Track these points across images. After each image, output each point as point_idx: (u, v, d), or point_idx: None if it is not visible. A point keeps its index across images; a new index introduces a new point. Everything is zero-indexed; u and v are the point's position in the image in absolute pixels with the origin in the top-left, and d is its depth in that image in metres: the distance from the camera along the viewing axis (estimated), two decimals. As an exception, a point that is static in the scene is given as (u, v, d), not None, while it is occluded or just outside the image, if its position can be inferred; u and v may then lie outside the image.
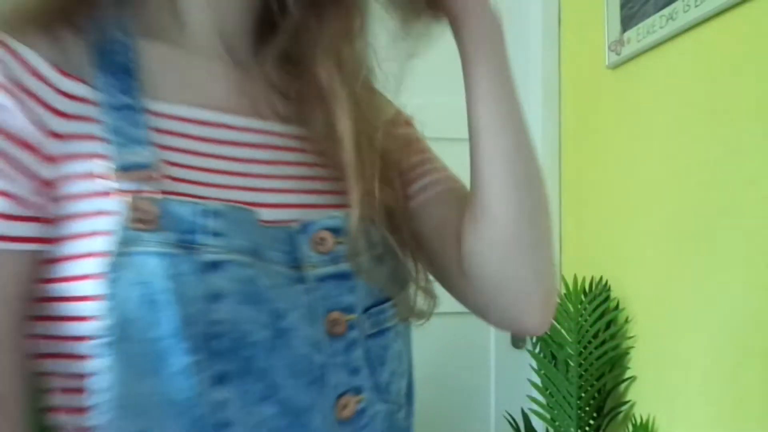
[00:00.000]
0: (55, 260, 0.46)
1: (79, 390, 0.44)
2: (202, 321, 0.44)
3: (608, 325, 1.52)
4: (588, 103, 1.78)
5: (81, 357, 0.44)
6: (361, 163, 0.53)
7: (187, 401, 0.44)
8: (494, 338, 1.92)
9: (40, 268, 0.46)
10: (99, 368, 0.43)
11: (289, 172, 0.54)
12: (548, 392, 1.54)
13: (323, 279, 0.50)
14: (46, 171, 0.45)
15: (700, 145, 1.30)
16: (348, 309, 0.51)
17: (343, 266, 0.51)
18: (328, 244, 0.51)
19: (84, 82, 0.48)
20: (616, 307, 1.56)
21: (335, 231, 0.51)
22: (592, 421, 1.50)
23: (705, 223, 1.28)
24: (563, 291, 1.55)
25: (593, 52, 1.70)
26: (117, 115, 0.47)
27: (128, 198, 0.44)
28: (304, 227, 0.50)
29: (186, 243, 0.45)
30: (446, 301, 1.13)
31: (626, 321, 1.53)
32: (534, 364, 1.62)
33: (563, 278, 1.62)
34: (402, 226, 0.57)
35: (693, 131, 1.32)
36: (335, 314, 0.50)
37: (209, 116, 0.52)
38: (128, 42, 0.50)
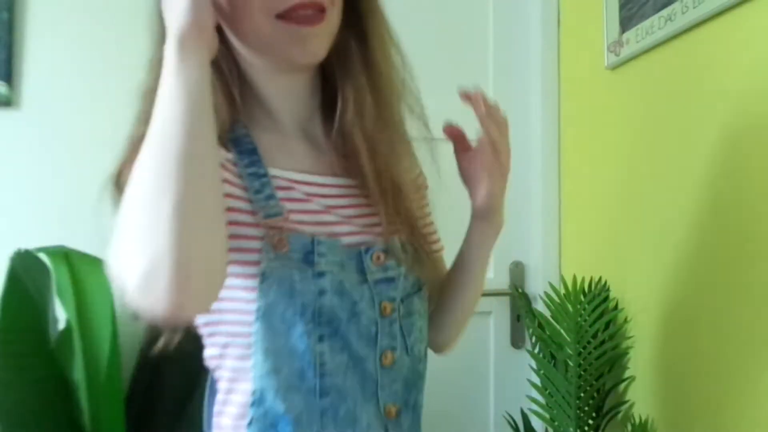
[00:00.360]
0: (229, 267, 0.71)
1: (245, 346, 0.76)
2: (312, 306, 0.75)
3: (607, 325, 1.53)
4: (587, 103, 1.78)
5: (247, 324, 0.74)
6: (385, 204, 0.82)
7: (302, 350, 0.75)
8: (493, 338, 1.92)
9: None
10: (255, 330, 0.74)
11: (352, 212, 0.83)
12: (547, 392, 1.54)
13: (378, 281, 0.81)
14: None
15: (700, 146, 1.30)
16: (392, 299, 0.82)
17: (390, 273, 0.82)
18: (381, 260, 0.82)
19: (233, 160, 0.78)
20: (615, 307, 1.56)
21: (385, 251, 0.82)
22: (591, 421, 1.50)
23: (704, 224, 1.28)
24: (563, 291, 1.55)
25: (592, 53, 1.71)
26: (255, 182, 0.77)
27: (271, 235, 0.74)
28: (367, 250, 0.81)
29: (305, 260, 0.75)
30: (446, 301, 1.14)
31: (625, 321, 1.53)
32: (533, 364, 1.63)
33: (562, 278, 1.62)
34: (419, 243, 0.88)
35: (692, 132, 1.33)
36: (385, 303, 0.81)
37: (304, 177, 0.82)
38: (246, 133, 0.80)
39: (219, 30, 0.75)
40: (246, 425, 0.76)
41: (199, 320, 0.80)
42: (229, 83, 0.81)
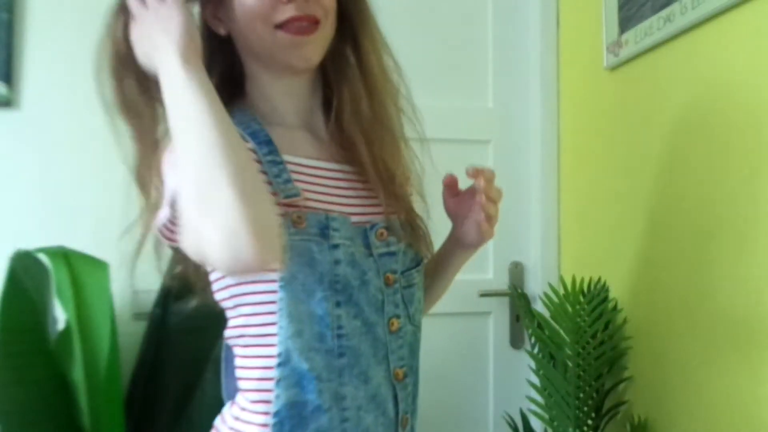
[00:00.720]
0: None
1: (269, 312, 0.84)
2: (329, 274, 0.84)
3: (606, 326, 1.53)
4: (586, 104, 1.78)
5: (271, 292, 0.83)
6: (384, 188, 0.93)
7: (321, 315, 0.84)
8: (493, 339, 1.92)
9: None
10: (280, 297, 0.82)
11: (354, 194, 0.93)
12: (546, 392, 1.54)
13: (381, 255, 0.90)
14: None
15: (698, 147, 1.30)
16: (394, 272, 0.91)
17: (392, 248, 0.92)
18: (384, 236, 0.91)
19: (252, 148, 0.86)
20: (615, 307, 1.57)
21: (386, 228, 0.92)
22: (590, 421, 1.50)
23: (703, 224, 1.28)
24: (562, 291, 1.55)
25: (591, 54, 1.71)
26: (273, 168, 0.86)
27: (290, 213, 0.82)
28: (372, 227, 0.91)
29: (321, 234, 0.85)
30: (445, 302, 1.14)
31: (624, 321, 1.53)
32: (532, 364, 1.63)
33: (562, 279, 1.62)
34: (416, 224, 0.98)
35: (691, 133, 1.33)
36: (389, 274, 0.91)
37: (311, 163, 0.91)
38: (262, 128, 0.89)
39: (229, 40, 0.92)
40: (274, 385, 0.83)
41: (225, 294, 0.88)
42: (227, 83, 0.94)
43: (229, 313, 0.90)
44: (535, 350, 1.60)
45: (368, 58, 0.94)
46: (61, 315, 1.39)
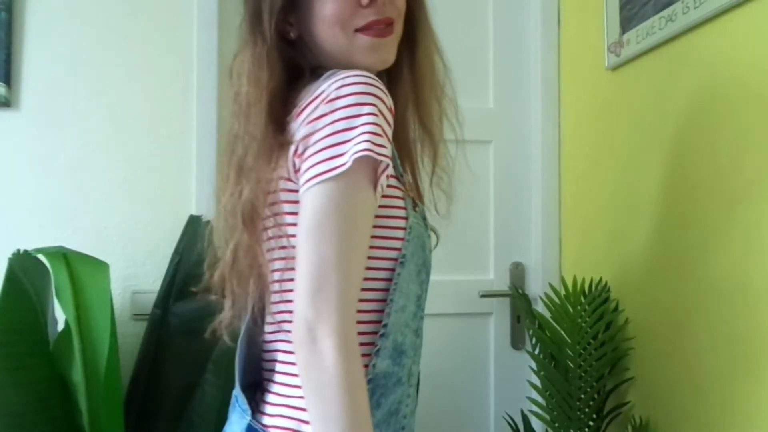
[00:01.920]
0: (385, 218, 0.87)
1: (382, 289, 0.87)
2: (426, 259, 0.92)
3: (608, 327, 1.52)
4: (587, 104, 1.78)
5: (391, 270, 0.88)
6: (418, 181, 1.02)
7: (419, 295, 0.91)
8: (494, 339, 1.92)
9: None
10: (399, 273, 0.87)
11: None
12: (548, 393, 1.54)
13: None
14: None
15: (700, 147, 1.30)
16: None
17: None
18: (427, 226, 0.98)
19: None
20: (616, 308, 1.56)
21: (424, 218, 0.98)
22: (591, 423, 1.50)
23: (704, 225, 1.28)
24: (563, 292, 1.55)
25: (592, 54, 1.70)
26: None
27: (411, 197, 0.92)
28: (424, 218, 0.96)
29: (424, 221, 0.94)
30: (446, 302, 1.14)
31: (625, 322, 1.53)
32: (533, 365, 1.62)
33: (563, 279, 1.62)
34: None
35: (692, 133, 1.33)
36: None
37: None
38: None
39: (296, 43, 0.93)
40: (374, 353, 0.86)
41: None
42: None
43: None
44: (536, 351, 1.60)
45: (421, 61, 0.98)
46: (60, 316, 1.39)
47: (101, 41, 1.70)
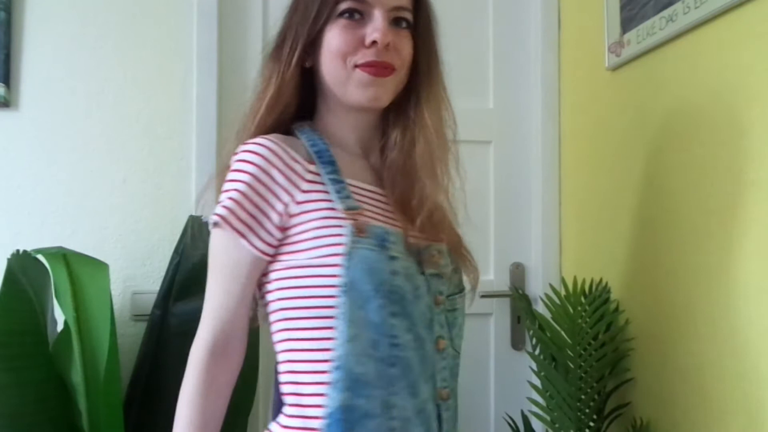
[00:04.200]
0: (308, 250, 0.90)
1: (327, 317, 0.88)
2: (387, 284, 0.88)
3: (608, 327, 1.52)
4: (587, 104, 1.78)
5: (330, 296, 0.87)
6: (431, 223, 0.98)
7: (378, 322, 0.87)
8: (494, 340, 1.92)
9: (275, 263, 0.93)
10: (342, 302, 0.86)
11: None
12: (548, 394, 1.53)
13: (432, 275, 0.95)
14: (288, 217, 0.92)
15: (701, 147, 1.30)
16: (441, 293, 0.96)
17: (442, 270, 0.97)
18: (435, 257, 0.96)
19: (315, 171, 0.95)
20: (616, 309, 1.56)
21: (439, 251, 0.97)
22: (591, 423, 1.50)
23: (705, 225, 1.28)
24: (563, 293, 1.54)
25: (593, 54, 1.70)
26: (334, 186, 0.93)
27: (352, 221, 0.89)
28: (426, 247, 0.96)
29: (380, 245, 0.89)
30: (446, 303, 1.14)
31: (626, 323, 1.53)
32: (534, 366, 1.62)
33: (563, 280, 1.61)
34: (459, 252, 1.04)
35: (694, 133, 1.32)
36: (437, 295, 0.95)
37: (370, 187, 0.99)
38: (327, 148, 0.98)
39: (311, 71, 1.01)
40: (328, 388, 0.86)
41: (277, 295, 0.93)
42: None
43: (275, 316, 0.94)
44: (537, 352, 1.60)
45: (425, 115, 1.01)
46: (60, 316, 1.39)
47: (100, 41, 1.70)
